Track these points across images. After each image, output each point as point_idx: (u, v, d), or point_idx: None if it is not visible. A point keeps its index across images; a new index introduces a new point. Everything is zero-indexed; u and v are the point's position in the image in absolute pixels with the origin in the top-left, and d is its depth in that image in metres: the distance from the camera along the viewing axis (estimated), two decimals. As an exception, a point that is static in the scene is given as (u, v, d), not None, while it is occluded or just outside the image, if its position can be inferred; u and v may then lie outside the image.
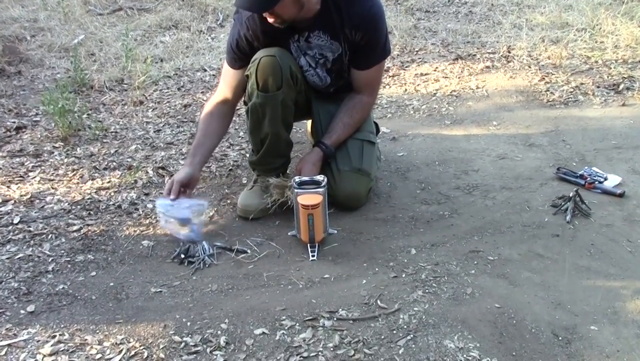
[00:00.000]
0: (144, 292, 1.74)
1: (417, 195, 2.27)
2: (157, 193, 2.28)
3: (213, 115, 2.12)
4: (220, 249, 1.94)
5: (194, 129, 2.84)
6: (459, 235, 1.99)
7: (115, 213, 2.15)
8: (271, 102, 1.97)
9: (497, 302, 1.63)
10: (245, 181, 2.37)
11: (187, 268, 1.85)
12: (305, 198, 1.86)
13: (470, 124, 2.94)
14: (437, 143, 2.73)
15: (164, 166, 2.47)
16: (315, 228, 1.87)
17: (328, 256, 1.89)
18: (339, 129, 2.12)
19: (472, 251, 1.89)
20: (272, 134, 2.04)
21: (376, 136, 2.30)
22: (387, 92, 3.34)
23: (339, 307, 1.63)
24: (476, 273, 1.77)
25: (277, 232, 2.04)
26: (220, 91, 2.15)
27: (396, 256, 1.87)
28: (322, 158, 2.10)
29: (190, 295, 1.72)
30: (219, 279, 1.79)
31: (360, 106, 2.15)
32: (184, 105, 3.12)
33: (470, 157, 2.57)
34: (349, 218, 2.10)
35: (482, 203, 2.19)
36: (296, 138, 2.77)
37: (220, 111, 2.13)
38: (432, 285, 1.71)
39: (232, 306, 1.66)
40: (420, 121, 3.02)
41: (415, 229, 2.04)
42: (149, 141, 2.71)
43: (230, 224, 2.09)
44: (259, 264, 1.86)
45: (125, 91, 3.29)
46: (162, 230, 2.03)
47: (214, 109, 2.12)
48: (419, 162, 2.53)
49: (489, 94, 3.24)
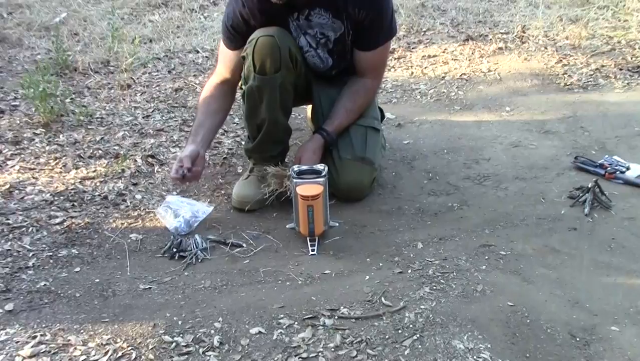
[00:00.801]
0: (132, 289, 1.73)
1: (424, 185, 2.26)
2: (146, 183, 2.27)
3: (213, 96, 2.11)
4: (213, 243, 1.93)
5: (186, 115, 2.83)
6: (469, 228, 1.98)
7: (101, 204, 2.14)
8: (269, 85, 1.96)
9: (509, 300, 1.63)
10: (241, 170, 2.37)
11: (178, 263, 1.85)
12: (305, 188, 1.86)
13: (482, 109, 2.93)
14: (446, 130, 2.72)
15: (153, 154, 2.46)
16: (315, 221, 1.86)
17: (329, 251, 1.89)
18: (340, 114, 2.12)
19: (483, 245, 1.88)
20: (270, 120, 2.03)
21: (381, 123, 2.29)
22: (392, 75, 3.33)
23: (340, 305, 1.63)
24: (487, 268, 1.77)
25: (275, 225, 2.03)
26: (219, 73, 2.15)
27: (402, 251, 1.87)
28: (322, 146, 2.10)
29: (182, 292, 1.72)
30: (212, 275, 1.79)
31: (364, 90, 2.14)
32: (174, 89, 3.11)
33: (481, 145, 2.56)
34: (352, 210, 2.10)
35: (494, 194, 2.19)
36: (295, 125, 2.76)
37: (220, 91, 2.12)
38: (439, 282, 1.71)
39: (227, 303, 1.66)
40: (427, 106, 3.00)
41: (422, 222, 2.03)
42: (137, 128, 2.70)
43: (225, 216, 2.09)
44: (255, 259, 1.86)
45: (112, 74, 3.27)
46: (153, 220, 2.02)
47: (213, 91, 2.12)
48: (426, 151, 2.52)
49: (502, 78, 3.22)
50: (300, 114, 2.87)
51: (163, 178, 2.31)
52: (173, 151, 2.50)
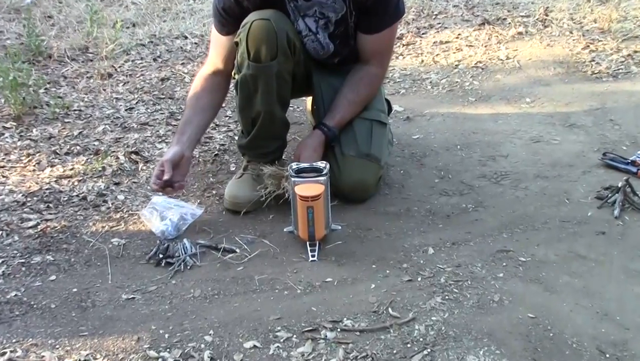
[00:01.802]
0: (113, 299, 1.74)
1: (436, 185, 2.27)
2: (130, 182, 2.28)
3: (204, 89, 2.12)
4: (204, 248, 1.94)
5: (173, 107, 2.84)
6: (485, 232, 1.99)
7: (79, 205, 2.15)
8: (264, 74, 1.96)
9: (530, 311, 1.63)
10: (234, 168, 2.37)
11: (165, 271, 1.85)
12: (304, 188, 1.86)
13: (499, 101, 2.93)
14: (459, 124, 2.72)
15: (137, 150, 2.47)
16: (316, 224, 1.87)
17: (330, 257, 1.89)
18: (342, 107, 2.12)
19: (500, 250, 1.89)
20: (266, 113, 2.03)
21: (388, 116, 2.30)
22: (400, 63, 3.33)
23: (343, 316, 1.63)
24: (505, 276, 1.77)
25: (271, 228, 2.04)
26: (210, 62, 2.15)
27: (410, 257, 1.88)
28: (323, 142, 2.10)
29: (169, 302, 1.72)
30: (202, 283, 1.79)
31: (368, 79, 2.15)
32: (160, 79, 3.12)
33: (498, 140, 2.57)
34: (355, 212, 2.10)
35: (513, 194, 2.19)
36: (293, 118, 2.76)
37: (212, 83, 2.13)
38: (452, 291, 1.71)
39: (218, 315, 1.66)
40: (439, 97, 3.01)
41: (433, 225, 2.04)
42: (119, 121, 2.71)
43: (216, 218, 2.09)
44: (250, 265, 1.87)
45: (91, 62, 3.28)
46: (137, 223, 2.03)
47: (204, 83, 2.12)
48: (437, 147, 2.53)
49: (522, 66, 3.23)
50: (299, 106, 2.88)
51: (148, 177, 2.32)
52: (159, 147, 2.51)
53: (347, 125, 2.14)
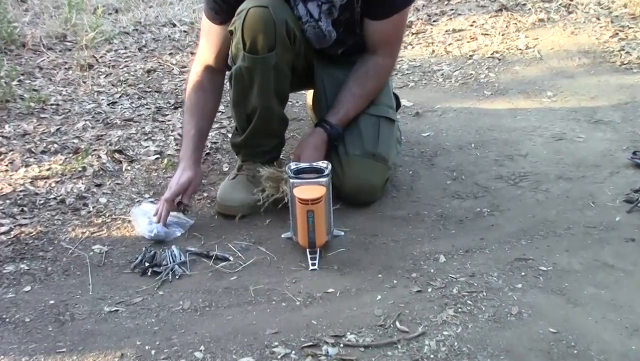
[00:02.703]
0: (94, 312, 1.74)
1: (448, 187, 2.27)
2: (113, 183, 2.29)
3: (203, 88, 2.14)
4: (194, 255, 1.94)
5: (160, 102, 2.85)
6: (502, 238, 1.99)
7: (57, 209, 2.15)
8: (261, 66, 1.97)
9: (552, 326, 1.64)
10: (227, 168, 2.38)
11: (151, 280, 1.86)
12: (304, 190, 1.87)
13: (517, 95, 2.94)
14: (474, 120, 2.73)
15: (121, 148, 2.47)
16: (317, 229, 1.87)
17: (333, 265, 1.90)
18: (347, 102, 2.12)
19: (518, 259, 1.89)
20: (262, 108, 2.04)
21: (396, 112, 2.30)
22: (409, 54, 3.34)
23: (346, 330, 1.64)
24: (524, 287, 1.78)
25: (268, 234, 2.04)
26: (201, 56, 2.16)
27: (420, 265, 1.88)
28: (326, 141, 2.11)
29: (156, 315, 1.73)
30: (192, 294, 1.80)
31: (375, 71, 2.15)
32: (146, 70, 3.13)
33: (516, 138, 2.57)
34: (360, 216, 2.11)
35: (532, 197, 2.20)
36: (292, 113, 2.77)
37: (210, 81, 2.15)
38: (466, 303, 1.72)
39: (210, 329, 1.67)
40: (451, 91, 3.01)
41: (444, 231, 2.04)
42: (101, 117, 2.72)
43: (208, 223, 2.10)
44: (244, 275, 1.87)
45: (69, 51, 3.29)
46: (121, 229, 2.04)
47: (201, 80, 2.14)
48: (449, 145, 2.53)
49: (543, 56, 3.24)
50: (298, 100, 2.89)
51: (133, 178, 2.33)
52: (144, 145, 2.52)
53: (352, 122, 2.14)
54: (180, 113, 2.75)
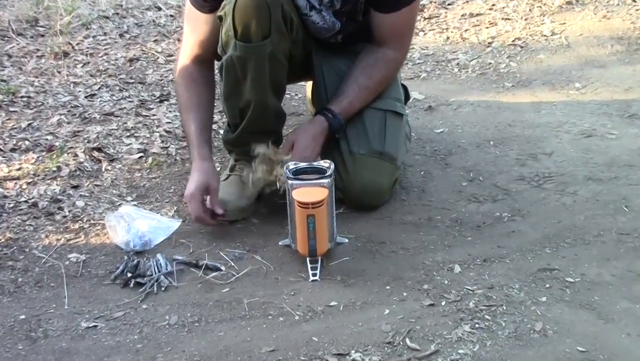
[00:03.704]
0: (70, 328, 1.74)
1: (463, 189, 2.28)
2: (91, 185, 2.29)
3: (194, 81, 2.15)
4: (182, 265, 1.95)
5: (144, 94, 2.85)
6: (524, 246, 2.00)
7: (28, 213, 2.16)
8: (255, 56, 1.97)
9: (580, 343, 1.64)
10: (219, 168, 2.38)
11: (134, 293, 1.86)
12: (304, 192, 1.87)
13: (542, 86, 2.94)
14: (493, 115, 2.73)
15: (100, 146, 2.47)
16: (318, 236, 1.88)
17: (336, 276, 1.90)
18: (352, 92, 2.13)
19: (542, 269, 1.90)
20: (257, 102, 2.04)
21: (405, 105, 2.31)
22: (421, 41, 3.34)
23: (350, 348, 1.64)
24: (549, 301, 1.78)
25: (264, 241, 2.05)
26: (188, 47, 2.16)
27: (433, 276, 1.89)
28: (326, 131, 2.11)
29: (139, 331, 1.73)
30: (180, 308, 1.80)
31: (384, 63, 2.16)
32: (128, 59, 3.13)
33: (540, 134, 2.57)
34: (366, 222, 2.12)
35: (558, 201, 2.20)
36: (290, 107, 2.77)
37: (200, 74, 2.16)
38: (484, 318, 1.72)
39: (199, 346, 1.67)
40: (468, 82, 3.02)
41: (460, 238, 2.05)
42: (78, 111, 2.72)
43: (197, 229, 2.11)
44: (238, 286, 1.88)
45: (42, 37, 3.29)
46: (100, 235, 2.04)
47: (190, 73, 2.15)
48: (465, 142, 2.54)
49: (570, 43, 3.24)
50: (297, 93, 2.89)
51: (114, 179, 2.33)
52: (126, 142, 2.52)
53: (356, 116, 2.15)
54: (167, 107, 2.76)
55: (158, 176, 2.35)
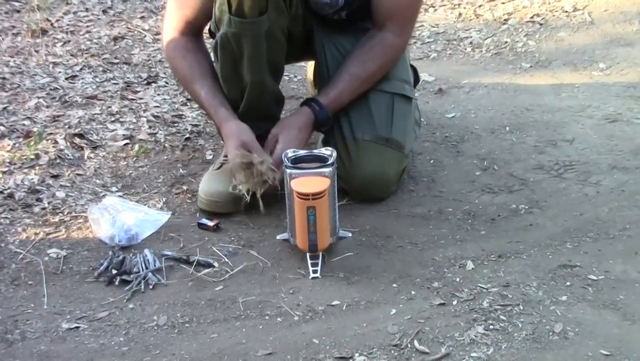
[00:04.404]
0: (50, 329, 1.74)
1: (477, 179, 2.28)
2: (72, 174, 2.29)
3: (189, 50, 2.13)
4: (171, 261, 1.95)
5: (130, 75, 2.85)
6: (542, 241, 2.00)
7: (4, 205, 2.15)
8: (251, 33, 1.97)
9: (603, 346, 1.64)
10: (211, 156, 2.38)
11: (119, 291, 1.86)
12: (304, 182, 1.87)
13: (562, 67, 2.93)
14: (509, 98, 2.73)
15: (82, 132, 2.47)
16: (319, 229, 1.88)
17: (338, 273, 1.90)
18: (342, 82, 2.11)
19: (562, 265, 1.90)
20: (253, 84, 2.04)
21: (414, 88, 2.31)
22: (431, 18, 3.34)
23: (354, 351, 1.65)
24: (570, 300, 1.78)
25: (260, 235, 2.05)
26: (174, 25, 2.15)
27: (443, 273, 1.89)
28: (312, 123, 2.10)
29: (125, 333, 1.73)
30: (169, 307, 1.81)
31: (381, 49, 2.14)
32: (113, 37, 3.12)
33: (560, 119, 2.57)
34: (371, 214, 2.12)
35: (580, 192, 2.20)
36: (290, 90, 2.77)
37: (194, 44, 2.15)
38: (499, 318, 1.72)
39: (190, 349, 1.68)
40: (482, 63, 3.01)
41: (472, 232, 2.05)
42: (57, 94, 2.71)
43: (188, 222, 2.11)
44: (232, 284, 1.88)
45: (18, 13, 3.28)
46: (83, 228, 2.05)
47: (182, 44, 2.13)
48: (479, 128, 2.54)
49: (594, 20, 3.23)
50: (297, 74, 2.89)
51: (97, 168, 2.33)
52: (111, 128, 2.52)
53: (361, 100, 2.15)
54: (155, 90, 2.76)
55: (145, 165, 2.35)
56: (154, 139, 2.47)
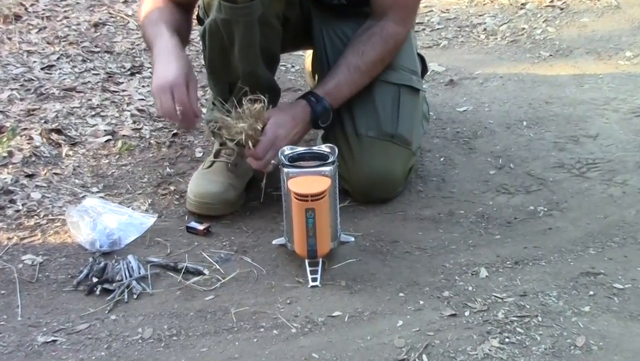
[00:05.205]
0: (24, 343, 1.74)
1: (491, 178, 2.28)
2: (49, 173, 2.30)
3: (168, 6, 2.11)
4: (157, 268, 1.96)
5: (112, 65, 2.85)
6: (563, 246, 2.00)
7: (-25, 207, 2.17)
8: (243, 19, 1.96)
9: None
10: (201, 154, 2.39)
11: (100, 301, 1.86)
12: (302, 182, 1.87)
13: (585, 56, 2.93)
14: (527, 90, 2.73)
15: (60, 127, 2.47)
16: (319, 234, 1.88)
17: (340, 281, 1.91)
18: (339, 73, 2.11)
19: (585, 273, 1.90)
20: (246, 74, 2.04)
21: (422, 79, 2.31)
22: (441, 2, 3.34)
23: (358, 367, 1.66)
24: (593, 311, 1.78)
25: (255, 240, 2.06)
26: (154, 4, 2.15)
27: (454, 282, 1.89)
28: (308, 117, 2.09)
29: (106, 347, 1.73)
30: (155, 319, 1.81)
31: (381, 39, 2.14)
32: (93, 24, 3.12)
33: (583, 113, 2.57)
34: (376, 217, 2.13)
35: (604, 192, 2.20)
36: (287, 82, 2.77)
37: (176, 9, 2.12)
38: (516, 331, 1.73)
39: (178, 365, 1.69)
40: (497, 51, 3.02)
41: (486, 236, 2.06)
42: (33, 85, 2.72)
43: (175, 226, 2.12)
44: (224, 293, 1.88)
45: (-11, -2, 3.29)
46: (60, 233, 2.05)
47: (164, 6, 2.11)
48: (493, 123, 2.54)
49: (620, 4, 3.23)
50: (294, 64, 2.89)
51: (76, 166, 2.33)
52: (91, 123, 2.52)
53: (364, 93, 2.15)
54: (139, 81, 2.77)
55: (129, 163, 2.36)
56: (139, 134, 2.48)
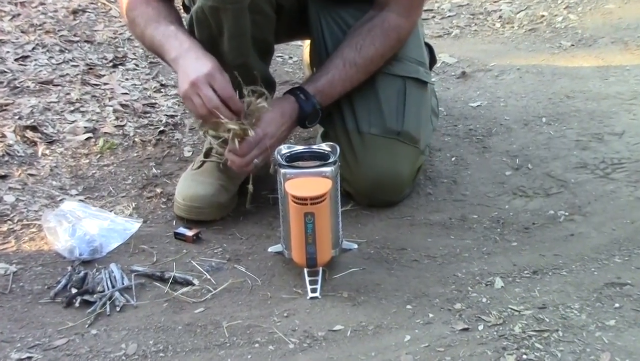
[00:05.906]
0: (-2, 359, 1.76)
1: (507, 180, 2.28)
2: (24, 174, 2.30)
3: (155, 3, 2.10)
4: (143, 278, 1.96)
5: (93, 56, 2.85)
6: (586, 254, 2.00)
7: (-57, 211, 2.17)
8: (232, 6, 1.96)
9: (658, 379, 1.65)
10: (190, 153, 2.39)
11: (80, 314, 1.86)
12: (300, 184, 1.87)
13: (610, 45, 2.94)
14: (546, 83, 2.73)
15: (35, 124, 2.47)
16: (318, 240, 1.88)
17: (341, 292, 1.91)
18: (333, 68, 2.11)
19: (610, 283, 1.90)
20: (237, 66, 2.04)
21: (430, 71, 2.31)
22: (452, -13, 3.35)
23: (361, 386, 1.66)
24: (618, 325, 1.78)
25: (248, 247, 2.06)
26: None
27: (467, 293, 1.89)
28: (296, 114, 2.09)
29: (87, 364, 1.75)
30: (140, 333, 1.81)
31: (382, 32, 2.14)
32: (72, 11, 3.12)
33: (607, 109, 2.58)
34: (381, 222, 2.13)
35: (631, 195, 2.21)
36: (283, 74, 2.78)
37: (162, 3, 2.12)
38: (534, 347, 1.73)
39: (164, 383, 1.69)
40: (514, 41, 3.02)
41: (502, 243, 2.06)
42: (6, 78, 2.72)
43: (162, 232, 2.12)
44: (215, 305, 1.88)
45: (-42, -18, 3.30)
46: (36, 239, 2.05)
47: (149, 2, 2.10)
48: (510, 120, 2.54)
49: (647, -10, 3.24)
50: (292, 55, 2.89)
51: (53, 166, 2.34)
52: (70, 119, 2.52)
53: (367, 86, 2.15)
54: (122, 73, 2.77)
55: (111, 163, 2.36)
56: (122, 132, 2.48)
